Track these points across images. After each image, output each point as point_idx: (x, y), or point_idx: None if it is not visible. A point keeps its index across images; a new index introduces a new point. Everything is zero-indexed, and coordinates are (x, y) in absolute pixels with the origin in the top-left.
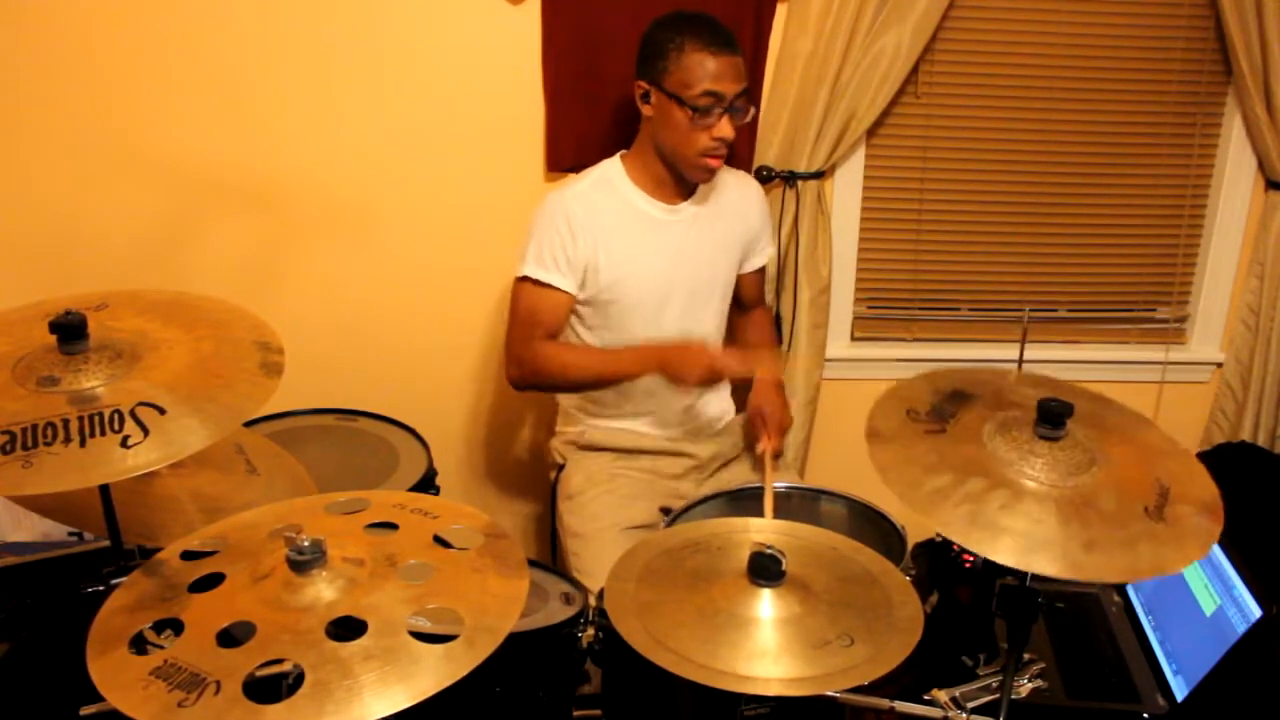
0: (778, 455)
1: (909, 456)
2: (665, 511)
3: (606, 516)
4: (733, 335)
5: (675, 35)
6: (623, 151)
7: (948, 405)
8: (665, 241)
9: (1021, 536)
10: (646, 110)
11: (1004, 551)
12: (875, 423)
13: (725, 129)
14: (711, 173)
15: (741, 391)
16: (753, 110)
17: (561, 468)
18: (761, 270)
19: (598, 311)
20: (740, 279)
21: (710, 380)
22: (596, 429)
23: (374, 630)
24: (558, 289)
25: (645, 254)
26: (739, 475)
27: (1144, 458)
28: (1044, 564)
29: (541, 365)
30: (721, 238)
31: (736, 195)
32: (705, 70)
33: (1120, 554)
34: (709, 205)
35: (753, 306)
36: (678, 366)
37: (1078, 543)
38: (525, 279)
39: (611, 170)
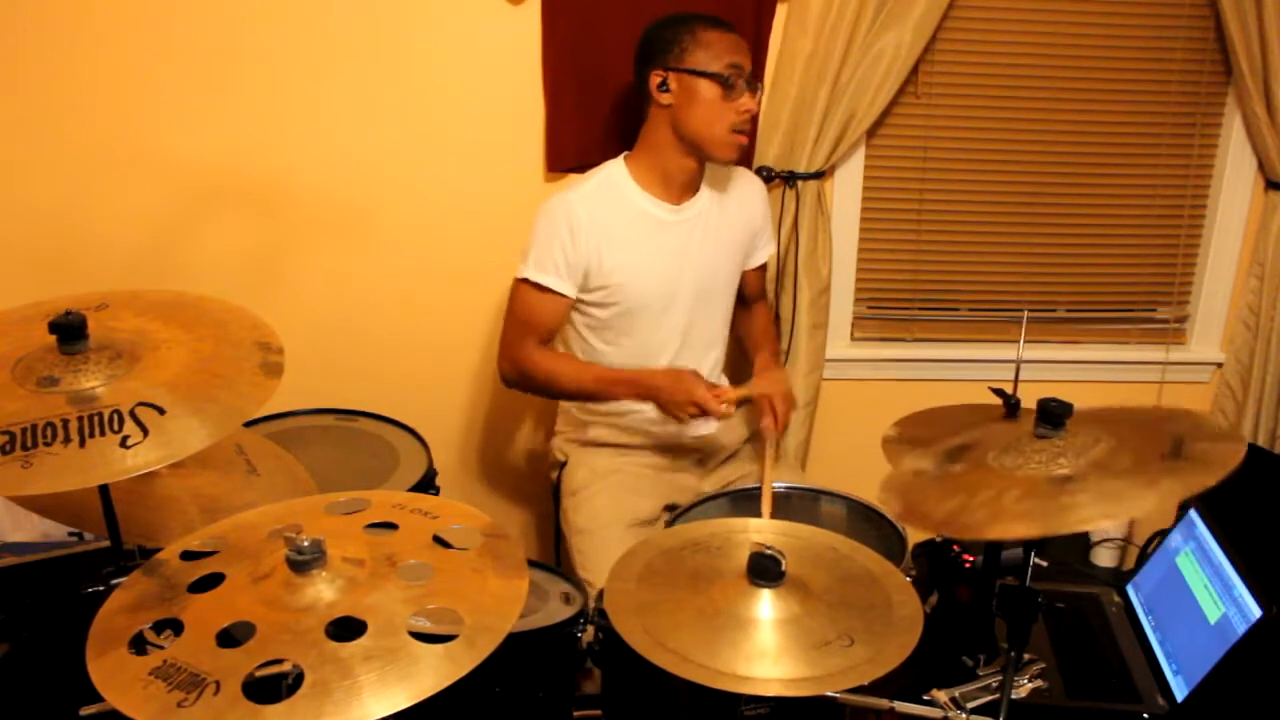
0: (783, 430)
1: (922, 498)
2: (671, 509)
3: (610, 512)
4: (735, 330)
5: (682, 24)
6: (626, 153)
7: (952, 456)
8: (671, 243)
9: (1039, 515)
10: (665, 99)
11: (1025, 527)
12: (893, 496)
13: (750, 102)
14: (740, 151)
15: (741, 376)
16: (762, 90)
17: (563, 465)
18: (763, 266)
19: (604, 312)
20: (743, 275)
21: (700, 415)
22: (598, 426)
23: (374, 630)
24: (555, 293)
25: (651, 256)
26: (741, 468)
27: (1150, 424)
28: (1062, 523)
29: (531, 371)
30: (727, 236)
31: (739, 192)
32: (724, 44)
33: (1144, 491)
34: (713, 204)
35: (754, 301)
36: (668, 399)
37: (1095, 495)
38: (525, 281)
39: (615, 172)
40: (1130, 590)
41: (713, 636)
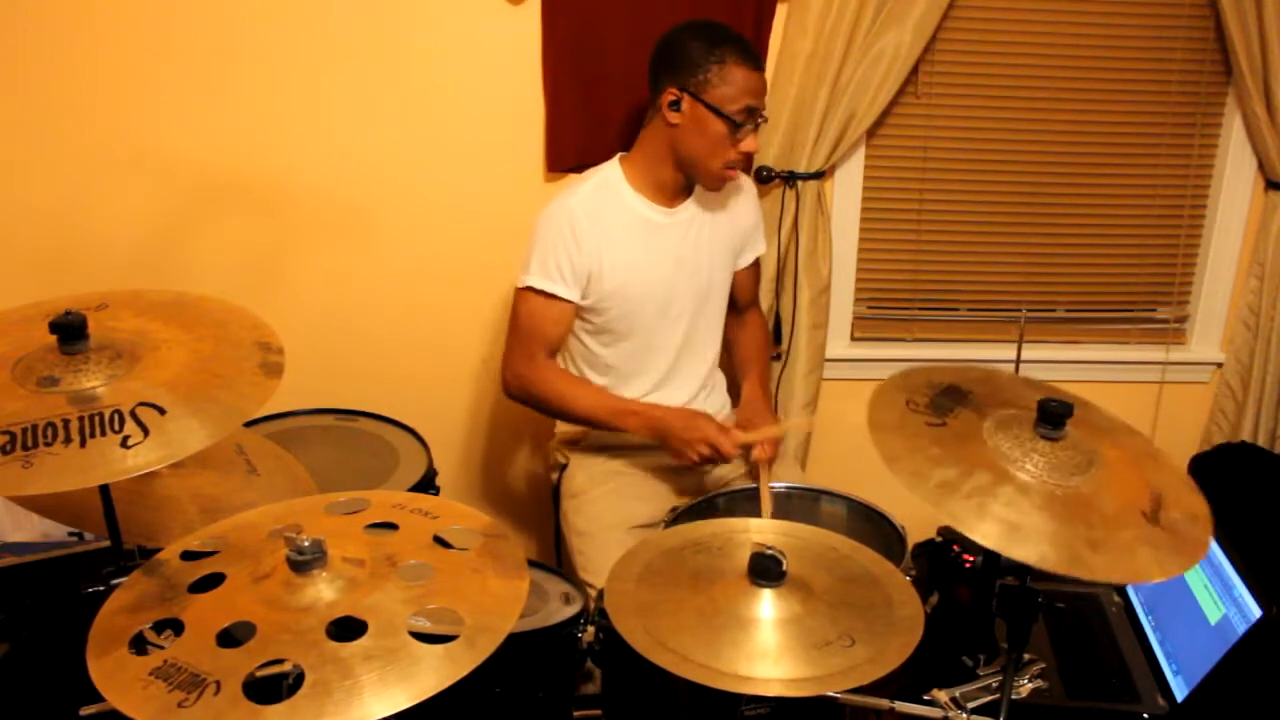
0: (771, 462)
1: (913, 447)
2: (674, 510)
3: (611, 515)
4: (728, 340)
5: (714, 47)
6: (621, 154)
7: (944, 399)
8: (666, 245)
9: (1030, 532)
10: (674, 118)
11: (1013, 547)
12: (876, 413)
13: (753, 143)
14: (726, 183)
15: (735, 387)
16: (764, 121)
17: (564, 467)
18: (755, 266)
19: (602, 316)
20: (734, 276)
21: (710, 457)
22: (597, 429)
23: (374, 630)
24: (561, 299)
25: (647, 259)
26: (740, 468)
27: (1135, 462)
28: (1053, 561)
29: (540, 389)
30: (719, 238)
31: (731, 194)
32: (747, 85)
33: (1123, 557)
34: (706, 206)
35: (746, 307)
36: (680, 438)
37: (1083, 542)
38: (528, 289)
39: (611, 174)
40: (1130, 590)
41: (713, 636)
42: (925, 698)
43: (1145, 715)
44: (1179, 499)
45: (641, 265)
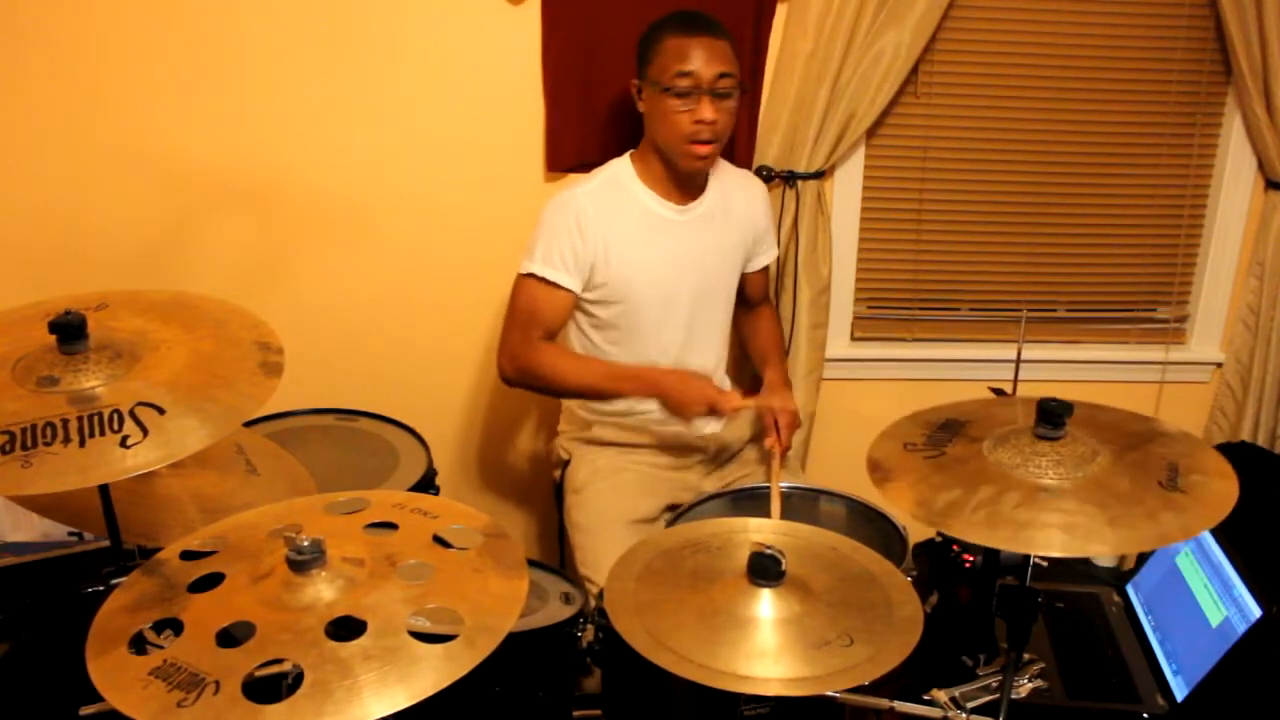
0: (786, 451)
1: (915, 479)
2: (674, 508)
3: (612, 510)
4: (740, 334)
5: (655, 29)
6: (631, 151)
7: (940, 434)
8: (674, 242)
9: (1042, 528)
10: (641, 107)
11: (1028, 544)
12: (876, 458)
13: (705, 111)
14: (701, 160)
15: (744, 380)
16: (738, 94)
17: (567, 463)
18: (765, 269)
19: (606, 310)
20: (745, 277)
21: (709, 415)
22: (602, 425)
23: (374, 630)
24: (562, 288)
25: (655, 254)
26: (744, 468)
27: (1145, 442)
28: (1070, 546)
29: (537, 368)
30: (729, 237)
31: (742, 194)
32: (679, 52)
33: (1145, 525)
34: (717, 205)
35: (759, 302)
36: (678, 399)
37: (1100, 522)
38: (530, 276)
39: (621, 169)
40: (1130, 590)
41: (713, 636)
42: (925, 698)
43: (1145, 715)
44: (1197, 463)
45: (647, 261)
